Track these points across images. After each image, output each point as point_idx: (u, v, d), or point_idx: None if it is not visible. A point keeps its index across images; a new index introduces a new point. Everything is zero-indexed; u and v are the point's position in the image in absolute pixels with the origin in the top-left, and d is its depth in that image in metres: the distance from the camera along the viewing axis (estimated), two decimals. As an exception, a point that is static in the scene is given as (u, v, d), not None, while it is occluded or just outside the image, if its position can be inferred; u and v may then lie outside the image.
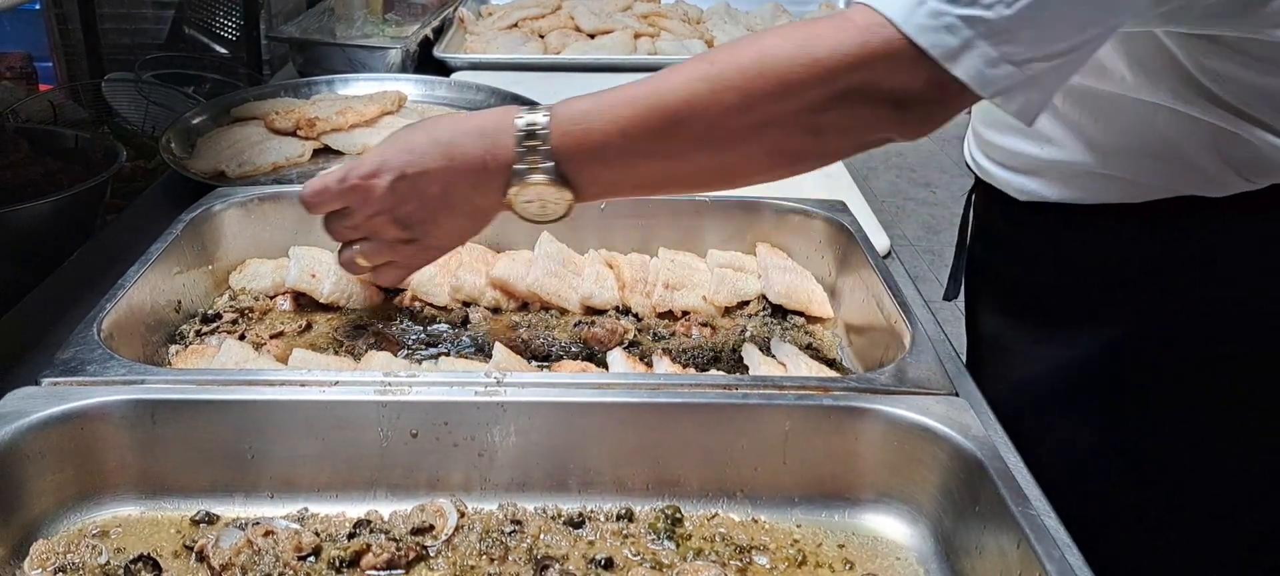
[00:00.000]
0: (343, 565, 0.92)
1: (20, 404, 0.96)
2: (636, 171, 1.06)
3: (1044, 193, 1.29)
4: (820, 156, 1.06)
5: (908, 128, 1.01)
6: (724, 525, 1.01)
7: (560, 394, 1.03)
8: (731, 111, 0.99)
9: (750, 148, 1.02)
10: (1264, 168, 1.12)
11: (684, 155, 1.03)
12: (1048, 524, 0.88)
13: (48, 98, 2.25)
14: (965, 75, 0.93)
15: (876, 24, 0.95)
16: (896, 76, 0.96)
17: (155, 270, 1.24)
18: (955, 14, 0.92)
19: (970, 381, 1.15)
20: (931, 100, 0.98)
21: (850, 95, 0.97)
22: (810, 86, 0.97)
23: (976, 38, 0.92)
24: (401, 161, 1.09)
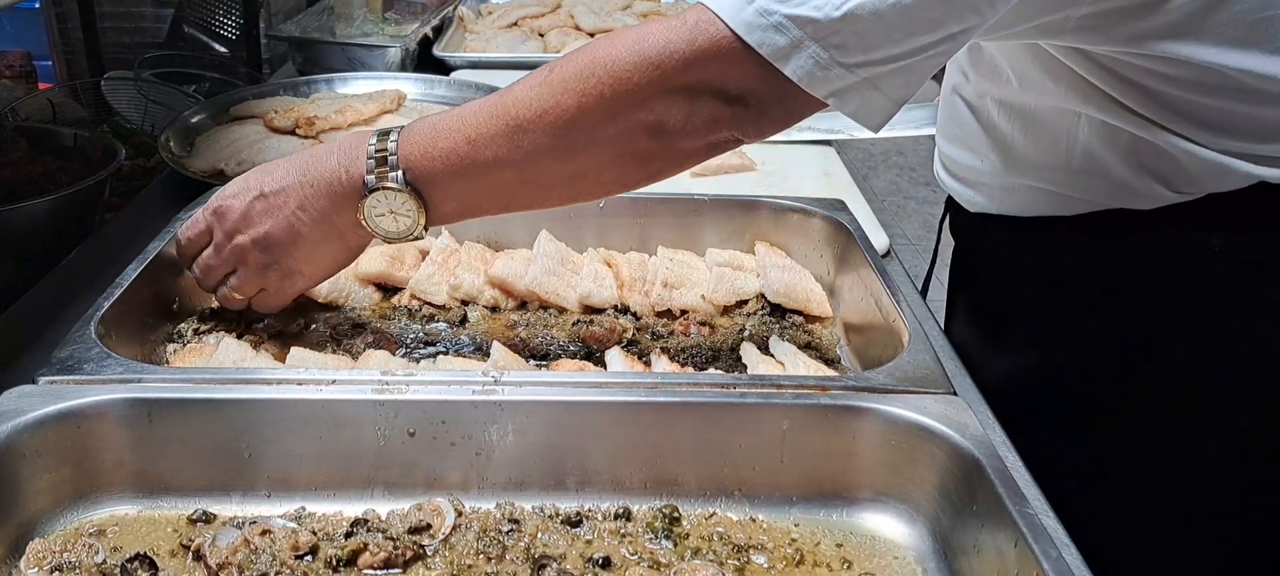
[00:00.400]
0: (340, 564, 0.92)
1: (17, 402, 0.96)
2: (486, 182, 1.06)
3: (985, 204, 1.31)
4: (668, 158, 1.06)
5: (748, 126, 1.01)
6: (722, 524, 1.01)
7: (558, 393, 1.03)
8: (572, 113, 1.00)
9: (596, 151, 1.03)
10: (1188, 178, 1.10)
11: (531, 162, 1.03)
12: (1045, 523, 0.88)
13: (47, 96, 2.24)
14: (795, 75, 0.93)
15: (706, 21, 0.96)
16: (730, 74, 0.96)
17: (153, 269, 1.24)
18: (783, 13, 0.92)
19: (968, 380, 1.15)
20: (769, 99, 0.98)
21: (686, 92, 0.98)
22: (645, 85, 0.98)
23: (806, 38, 0.92)
24: (259, 181, 1.13)
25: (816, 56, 0.92)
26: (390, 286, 1.40)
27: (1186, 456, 1.24)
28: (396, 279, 1.39)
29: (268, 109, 1.95)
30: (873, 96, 0.96)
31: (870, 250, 1.37)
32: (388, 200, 1.07)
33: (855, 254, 1.37)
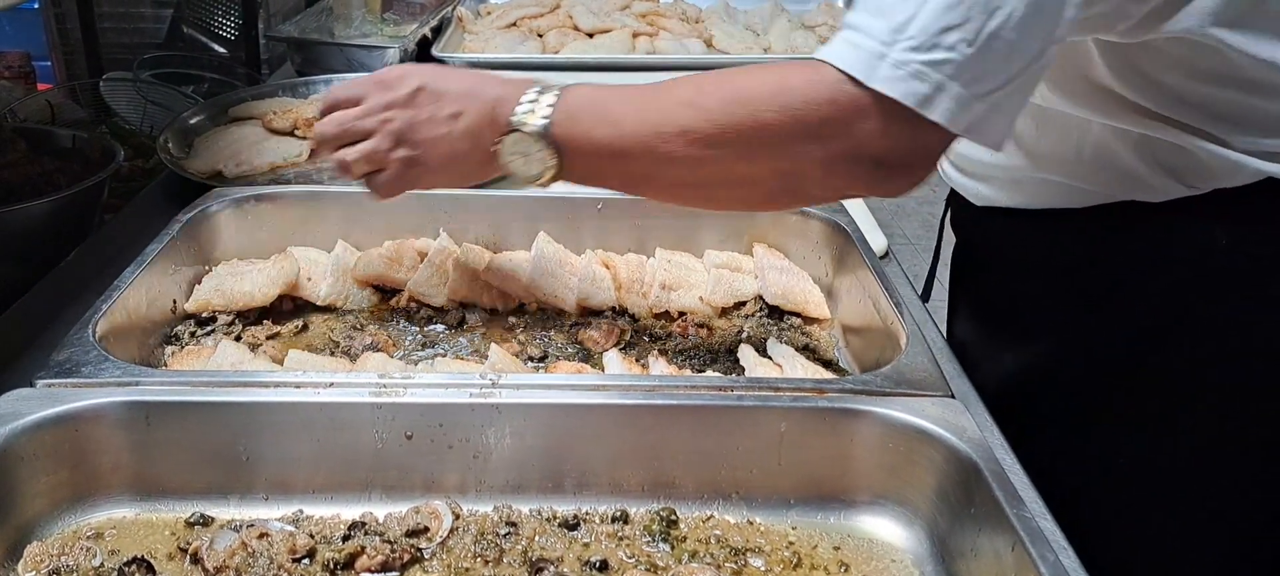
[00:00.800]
0: (337, 567, 0.92)
1: (15, 405, 0.96)
2: (618, 166, 1.09)
3: (995, 197, 1.31)
4: (794, 200, 1.12)
5: (888, 184, 1.03)
6: (719, 527, 1.01)
7: (555, 395, 1.03)
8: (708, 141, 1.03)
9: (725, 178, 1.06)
10: (1201, 173, 1.11)
11: (662, 167, 1.06)
12: (1043, 526, 0.88)
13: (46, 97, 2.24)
14: (942, 118, 0.94)
15: (842, 81, 0.97)
16: (870, 133, 0.97)
17: (151, 271, 1.24)
18: (919, 61, 0.93)
19: (966, 383, 1.15)
20: (907, 152, 0.99)
21: (825, 151, 1.00)
22: (784, 140, 1.00)
23: (946, 79, 0.93)
24: (429, 75, 1.16)
25: (958, 95, 0.94)
26: (388, 288, 1.40)
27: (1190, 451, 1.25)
28: (394, 281, 1.39)
29: (266, 110, 1.95)
30: (1000, 120, 0.98)
31: (868, 252, 1.37)
32: (527, 143, 1.10)
33: (853, 255, 1.37)
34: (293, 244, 1.43)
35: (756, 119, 1.00)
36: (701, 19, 2.93)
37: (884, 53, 0.94)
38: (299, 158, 1.82)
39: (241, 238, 1.43)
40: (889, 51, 0.94)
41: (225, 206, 1.42)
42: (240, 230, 1.43)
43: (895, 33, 0.94)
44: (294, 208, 1.46)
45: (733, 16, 2.98)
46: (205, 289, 1.32)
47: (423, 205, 1.48)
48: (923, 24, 0.93)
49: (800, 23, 2.94)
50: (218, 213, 1.42)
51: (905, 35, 0.93)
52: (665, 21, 2.86)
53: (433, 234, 1.47)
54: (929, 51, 0.93)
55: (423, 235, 1.48)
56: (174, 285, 1.30)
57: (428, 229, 1.47)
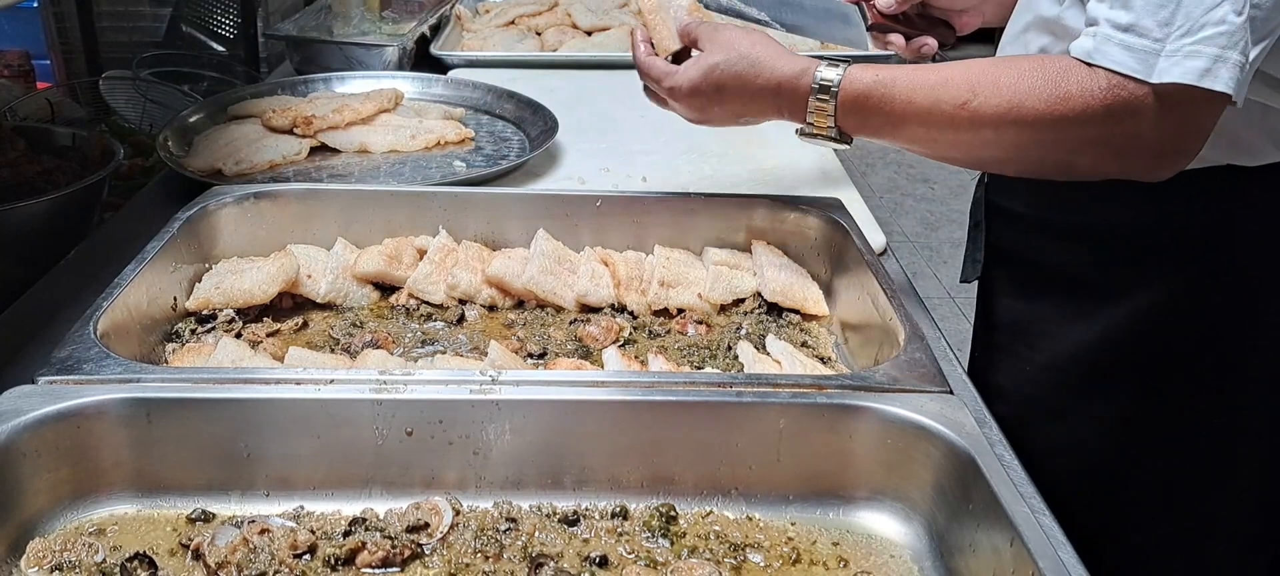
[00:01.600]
0: (338, 563, 0.92)
1: (16, 403, 0.97)
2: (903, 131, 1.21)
3: None
4: (1068, 177, 1.18)
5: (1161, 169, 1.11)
6: (718, 523, 1.01)
7: (555, 392, 1.04)
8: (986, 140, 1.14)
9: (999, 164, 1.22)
10: None
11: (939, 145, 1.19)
12: (1042, 521, 0.88)
13: (45, 95, 2.24)
14: (1223, 86, 1.01)
15: (1118, 84, 1.05)
16: (1147, 126, 1.06)
17: (152, 269, 1.24)
18: (1190, 42, 1.02)
19: (964, 379, 1.15)
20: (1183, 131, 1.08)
21: (1098, 147, 1.09)
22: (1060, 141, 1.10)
23: (1223, 50, 1.01)
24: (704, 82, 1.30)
25: (1235, 62, 1.02)
26: (388, 286, 1.41)
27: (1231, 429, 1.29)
28: (394, 278, 1.40)
29: (265, 108, 1.95)
30: (1248, 78, 1.05)
31: (867, 248, 1.37)
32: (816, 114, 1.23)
33: (852, 252, 1.38)
34: (292, 241, 1.43)
35: (1034, 131, 1.10)
36: (700, 17, 2.93)
37: (1158, 48, 1.02)
38: (298, 155, 1.82)
39: (241, 235, 1.44)
40: (1164, 45, 1.02)
41: (225, 204, 1.43)
42: (240, 228, 1.44)
43: (1164, 26, 1.02)
44: (293, 205, 1.46)
45: (731, 14, 2.98)
46: (205, 287, 1.32)
47: (422, 203, 1.49)
48: (1188, 10, 1.01)
49: (799, 21, 2.94)
50: (217, 210, 1.42)
51: (1175, 26, 1.02)
52: (664, 19, 2.86)
53: (432, 231, 1.47)
54: (1200, 31, 1.01)
55: (422, 233, 1.48)
56: (174, 283, 1.30)
57: (427, 226, 1.48)
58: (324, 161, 1.85)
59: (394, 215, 1.48)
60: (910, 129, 1.19)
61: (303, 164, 1.82)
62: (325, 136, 1.88)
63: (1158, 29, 1.03)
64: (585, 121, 2.06)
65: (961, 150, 1.19)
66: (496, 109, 2.13)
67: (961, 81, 1.15)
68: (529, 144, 1.95)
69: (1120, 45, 1.05)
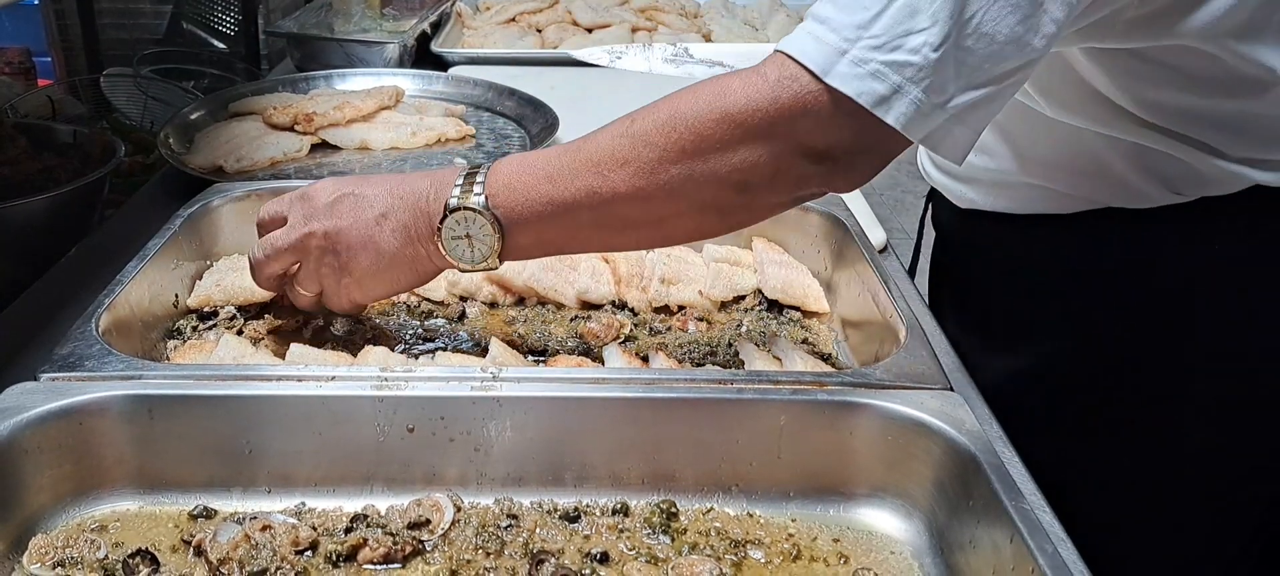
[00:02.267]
0: (340, 559, 0.92)
1: (18, 399, 0.97)
2: (564, 221, 1.06)
3: (980, 201, 1.32)
4: (751, 211, 1.06)
5: (836, 179, 1.01)
6: (719, 519, 1.02)
7: (556, 389, 1.04)
8: (651, 166, 1.00)
9: (676, 202, 1.03)
10: (1192, 181, 1.12)
11: (609, 207, 1.03)
12: (1041, 519, 0.88)
13: (46, 93, 2.25)
14: (898, 122, 0.92)
15: (790, 75, 0.95)
16: (818, 129, 0.96)
17: (153, 266, 1.24)
18: (879, 61, 0.91)
19: (965, 376, 1.15)
20: (859, 149, 0.98)
21: (771, 150, 0.97)
22: (727, 143, 0.97)
23: (905, 82, 0.91)
24: (352, 183, 1.13)
25: (917, 100, 0.92)
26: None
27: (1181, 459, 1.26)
28: (395, 275, 1.39)
29: (266, 105, 1.95)
30: (961, 132, 0.96)
31: (867, 246, 1.37)
32: (467, 223, 1.06)
33: (852, 250, 1.38)
34: (294, 239, 1.43)
35: (698, 129, 0.98)
36: (700, 14, 2.94)
37: (845, 48, 0.92)
38: (299, 152, 1.82)
39: (243, 232, 1.44)
40: (851, 48, 0.92)
41: (226, 201, 1.43)
42: (241, 225, 1.44)
43: (859, 29, 0.92)
44: (295, 203, 1.46)
45: (731, 11, 2.98)
46: (207, 284, 1.32)
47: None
48: (887, 23, 0.91)
49: (799, 16, 2.94)
50: (219, 207, 1.42)
51: (869, 33, 0.91)
52: (664, 16, 2.87)
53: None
54: (891, 52, 0.91)
55: (423, 230, 1.48)
56: (176, 280, 1.31)
57: (428, 224, 1.48)
58: (325, 158, 1.85)
59: (395, 212, 1.47)
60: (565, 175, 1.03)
61: (304, 161, 1.82)
62: (326, 133, 1.88)
63: (851, 29, 0.92)
64: (586, 118, 2.03)
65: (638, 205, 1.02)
66: (497, 106, 2.13)
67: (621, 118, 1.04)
68: (530, 141, 1.95)
69: (811, 36, 0.95)
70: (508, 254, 1.09)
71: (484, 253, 1.08)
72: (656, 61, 2.52)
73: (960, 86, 0.92)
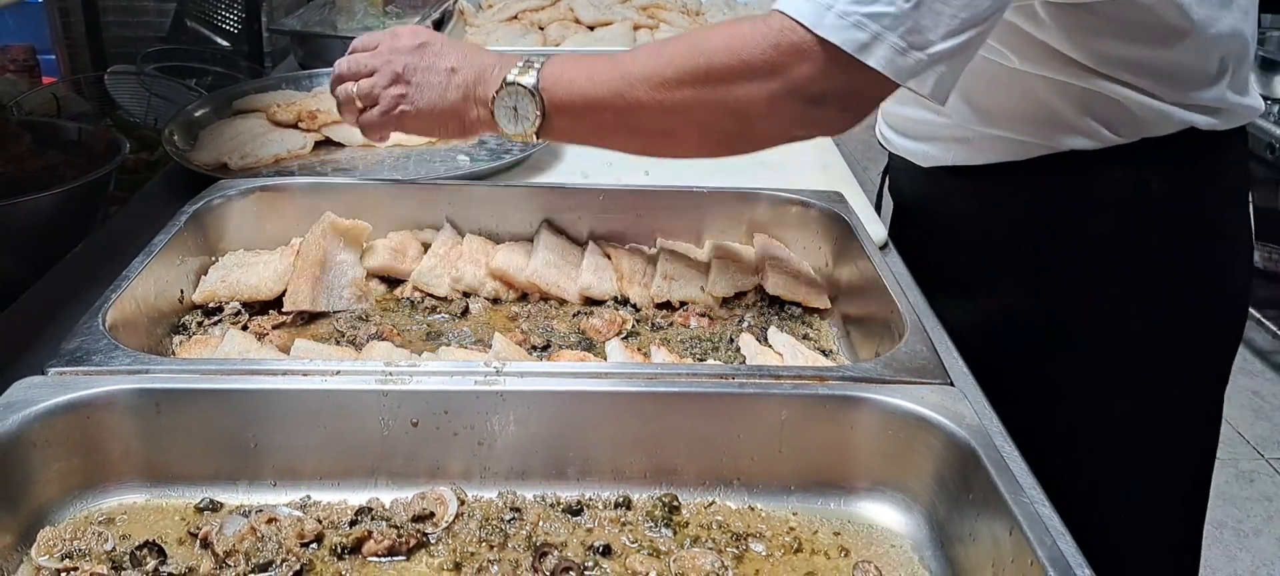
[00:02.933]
0: (344, 552, 0.93)
1: (26, 393, 0.98)
2: (594, 116, 1.25)
3: (941, 156, 1.43)
4: (747, 141, 1.22)
5: (828, 123, 1.17)
6: (721, 513, 1.02)
7: (559, 383, 1.04)
8: (670, 83, 1.17)
9: (685, 117, 1.19)
10: (1132, 123, 1.27)
11: (631, 112, 1.21)
12: (1041, 512, 0.89)
13: (51, 90, 2.25)
14: (878, 64, 1.06)
15: (787, 28, 1.10)
16: (812, 75, 1.10)
17: (159, 261, 1.25)
18: (860, 12, 1.06)
19: (965, 370, 1.16)
20: (848, 94, 1.12)
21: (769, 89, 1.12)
22: (733, 77, 1.13)
23: (883, 30, 1.05)
24: (437, 36, 1.35)
25: (895, 45, 1.06)
26: (393, 279, 1.41)
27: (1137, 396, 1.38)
28: (399, 271, 1.41)
29: (270, 103, 1.96)
30: (944, 72, 1.09)
31: (868, 242, 1.38)
32: (516, 97, 1.25)
33: (853, 245, 1.38)
34: (297, 235, 1.44)
35: (710, 61, 1.14)
36: (702, 11, 2.94)
37: (831, 3, 1.07)
38: (303, 150, 1.83)
39: (247, 229, 1.44)
40: (836, 3, 1.06)
41: (231, 198, 1.44)
42: (246, 221, 1.44)
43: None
44: (299, 199, 1.47)
45: (732, 7, 2.99)
46: (212, 280, 1.33)
47: (426, 196, 1.50)
48: None
49: (801, 15, 2.94)
50: (223, 204, 1.43)
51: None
52: (666, 14, 2.87)
53: (436, 225, 1.48)
54: (870, 4, 1.05)
55: (426, 226, 1.49)
56: (181, 276, 1.31)
57: (431, 220, 1.49)
58: (328, 156, 1.85)
59: (399, 208, 1.49)
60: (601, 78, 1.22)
61: (307, 158, 1.83)
62: (330, 131, 1.89)
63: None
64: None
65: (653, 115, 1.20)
66: (500, 103, 2.13)
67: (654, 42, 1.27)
68: (532, 138, 1.95)
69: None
70: (544, 132, 1.26)
71: (526, 127, 1.26)
72: None
73: (940, 33, 1.06)
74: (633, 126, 1.23)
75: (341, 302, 1.34)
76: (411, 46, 1.32)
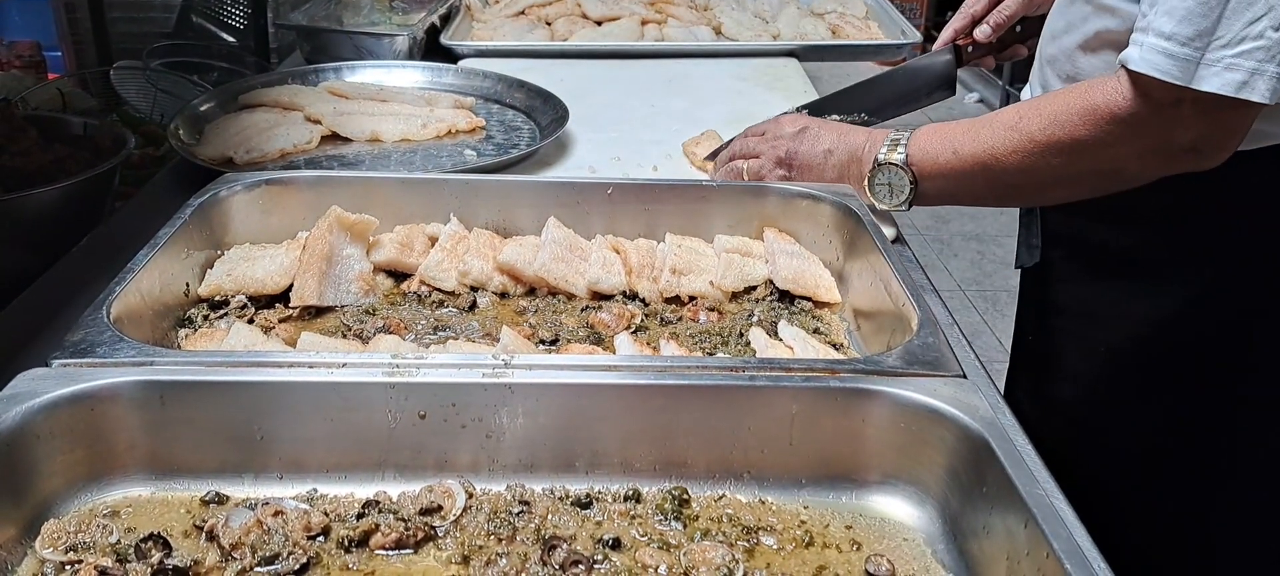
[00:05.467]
0: (351, 545, 0.92)
1: (31, 385, 0.97)
2: (963, 184, 1.38)
3: None
4: (1121, 185, 1.29)
5: (1201, 162, 1.20)
6: (731, 506, 1.01)
7: (567, 375, 1.03)
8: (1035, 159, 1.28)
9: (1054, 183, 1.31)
10: None
11: (999, 181, 1.33)
12: (1056, 505, 0.88)
13: (57, 86, 2.25)
14: (1260, 97, 1.10)
15: (1152, 87, 1.15)
16: (1182, 126, 1.16)
17: (164, 255, 1.24)
18: (1231, 55, 1.10)
19: (977, 363, 1.14)
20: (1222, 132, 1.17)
21: (1138, 148, 1.20)
22: (1100, 146, 1.22)
23: (1260, 65, 1.10)
24: (814, 122, 1.56)
25: (1273, 75, 1.10)
26: (399, 273, 1.41)
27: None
28: (406, 265, 1.40)
29: (276, 97, 1.95)
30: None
31: (879, 236, 1.36)
32: (889, 174, 1.42)
33: (864, 240, 1.37)
34: (303, 229, 1.43)
35: (1073, 134, 1.23)
36: (710, 6, 2.93)
37: (1197, 56, 1.11)
38: (309, 144, 1.82)
39: (252, 222, 1.44)
40: (1204, 54, 1.11)
41: (236, 191, 1.43)
42: (251, 215, 1.44)
43: (1204, 36, 1.10)
44: (305, 193, 1.46)
45: (741, 3, 2.97)
46: (217, 273, 1.32)
47: (433, 190, 1.49)
48: (1229, 23, 1.09)
49: (809, 10, 2.93)
50: (229, 197, 1.42)
51: (1215, 37, 1.10)
52: (674, 9, 2.86)
53: (443, 219, 1.47)
54: (1239, 44, 1.09)
55: (434, 220, 1.48)
56: (187, 269, 1.31)
57: (438, 214, 1.48)
58: (335, 150, 1.85)
59: (405, 203, 1.48)
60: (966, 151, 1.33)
61: (314, 152, 1.82)
62: (337, 125, 1.88)
63: (1199, 39, 1.10)
64: (595, 111, 2.05)
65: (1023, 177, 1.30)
66: (507, 98, 2.13)
67: (1011, 109, 1.30)
68: (540, 133, 1.95)
69: (1160, 52, 1.13)
70: (918, 200, 1.42)
71: (899, 199, 1.43)
72: None
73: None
74: (1001, 191, 1.36)
75: (348, 297, 1.33)
76: (793, 133, 1.53)
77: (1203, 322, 1.35)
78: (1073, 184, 1.30)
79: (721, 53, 2.60)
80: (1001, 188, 1.34)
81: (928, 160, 1.38)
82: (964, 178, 1.35)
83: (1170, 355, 1.37)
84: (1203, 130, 1.16)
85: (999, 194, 1.37)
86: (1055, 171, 1.27)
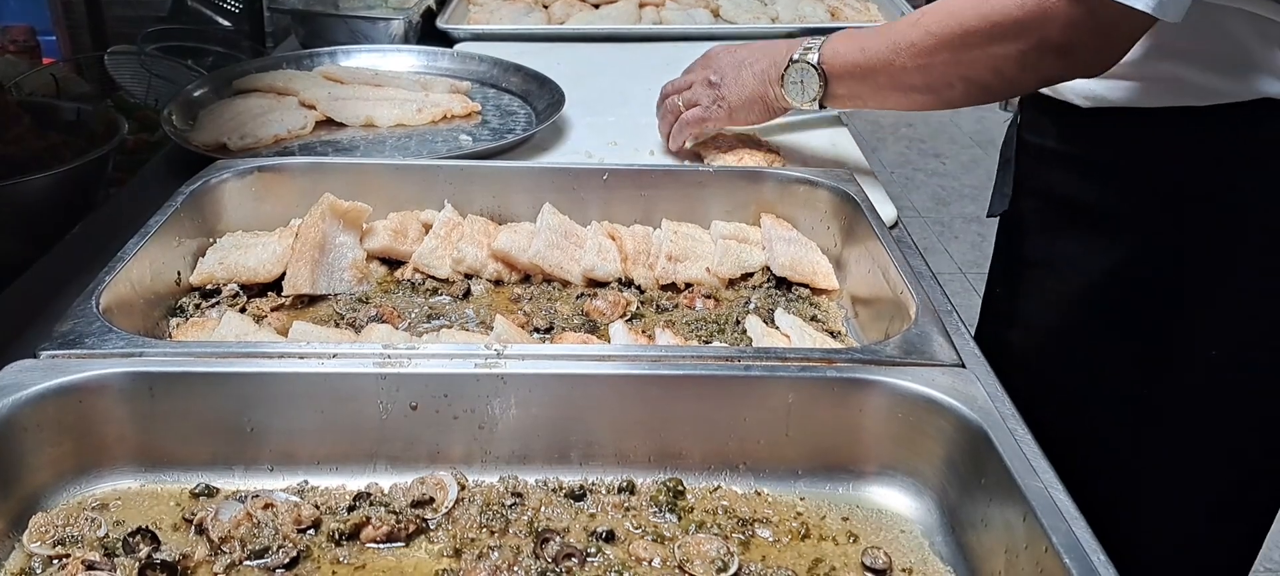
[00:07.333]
0: (342, 537, 0.91)
1: (18, 377, 0.96)
2: (868, 81, 1.45)
3: (1109, 95, 1.38)
4: (1004, 90, 1.37)
5: (1077, 68, 1.27)
6: (726, 498, 1.00)
7: (561, 366, 1.02)
8: (930, 50, 1.34)
9: (947, 76, 1.35)
10: None
11: (901, 75, 1.39)
12: (1055, 497, 0.87)
13: (50, 71, 2.23)
14: (1143, 5, 1.12)
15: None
16: (1059, 29, 1.19)
17: (155, 243, 1.23)
18: None
19: (977, 353, 1.13)
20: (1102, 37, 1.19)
21: (1020, 47, 1.24)
22: (986, 39, 1.27)
23: None
24: (739, 45, 1.64)
25: None
26: (393, 260, 1.39)
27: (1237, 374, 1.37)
28: (400, 253, 1.39)
29: (271, 83, 1.94)
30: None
31: (878, 222, 1.35)
32: (801, 73, 1.49)
33: (862, 226, 1.36)
34: (296, 216, 1.42)
35: (963, 27, 1.29)
36: (709, -15, 2.90)
37: None
38: (303, 129, 1.81)
39: (245, 209, 1.43)
40: None
41: (229, 178, 1.42)
42: (244, 202, 1.42)
43: None
44: (298, 179, 1.45)
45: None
46: (209, 261, 1.31)
47: (427, 177, 1.47)
48: None
49: (808, -8, 2.90)
50: (221, 184, 1.41)
51: None
52: (672, -10, 2.83)
53: (437, 206, 1.46)
54: None
55: (427, 207, 1.47)
56: (178, 257, 1.29)
57: (432, 201, 1.46)
58: (329, 135, 1.83)
59: (399, 189, 1.46)
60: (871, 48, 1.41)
61: (308, 138, 1.81)
62: (331, 110, 1.87)
63: None
64: (592, 95, 2.04)
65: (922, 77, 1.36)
66: (503, 83, 2.11)
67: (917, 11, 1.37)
68: (536, 117, 1.93)
69: None
70: (827, 100, 1.49)
71: (811, 94, 1.49)
72: None
73: None
74: (902, 88, 1.41)
75: (341, 285, 1.32)
76: (719, 53, 1.63)
77: (1144, 271, 1.38)
78: (963, 84, 1.34)
79: (720, 35, 2.58)
80: (903, 86, 1.40)
81: (837, 59, 1.45)
82: (870, 75, 1.43)
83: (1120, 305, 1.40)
84: (1079, 35, 1.19)
85: (902, 92, 1.42)
86: (947, 70, 1.33)
